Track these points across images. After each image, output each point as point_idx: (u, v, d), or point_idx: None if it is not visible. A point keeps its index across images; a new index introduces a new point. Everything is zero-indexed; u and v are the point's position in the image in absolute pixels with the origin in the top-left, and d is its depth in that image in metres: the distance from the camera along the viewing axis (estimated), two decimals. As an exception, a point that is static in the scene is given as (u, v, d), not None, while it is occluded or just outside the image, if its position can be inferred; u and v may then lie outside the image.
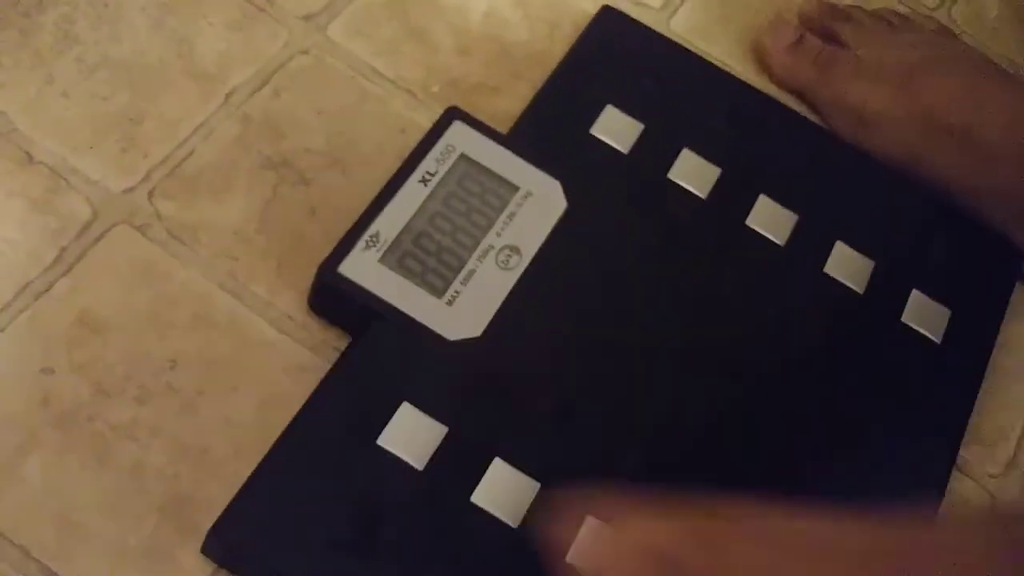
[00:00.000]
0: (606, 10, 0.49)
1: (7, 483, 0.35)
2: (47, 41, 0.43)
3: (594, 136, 0.45)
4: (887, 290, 0.44)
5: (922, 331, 0.44)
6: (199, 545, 0.35)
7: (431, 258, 0.40)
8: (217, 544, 0.34)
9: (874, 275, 0.44)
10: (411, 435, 0.36)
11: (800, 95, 0.50)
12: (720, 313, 0.42)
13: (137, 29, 0.44)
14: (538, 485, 0.37)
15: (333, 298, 0.39)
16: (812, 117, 0.50)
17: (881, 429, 0.41)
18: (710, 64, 0.49)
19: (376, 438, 0.36)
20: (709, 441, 0.40)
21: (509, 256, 0.40)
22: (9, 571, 0.34)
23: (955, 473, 0.42)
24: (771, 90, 0.51)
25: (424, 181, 0.41)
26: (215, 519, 0.34)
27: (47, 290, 0.38)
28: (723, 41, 0.51)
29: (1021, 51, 0.55)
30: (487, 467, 0.36)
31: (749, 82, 0.50)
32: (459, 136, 0.42)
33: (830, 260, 0.44)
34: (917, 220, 0.47)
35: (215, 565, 0.35)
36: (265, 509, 0.35)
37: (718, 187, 0.45)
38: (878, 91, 0.48)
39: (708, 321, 0.42)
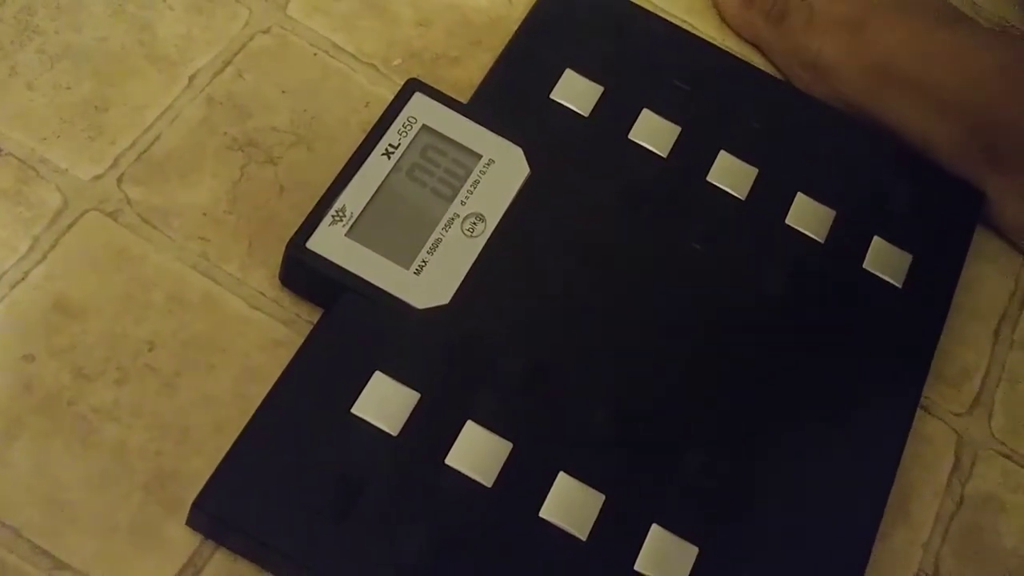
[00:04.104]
0: (562, -27, 0.49)
1: (-6, 468, 0.36)
2: (8, 34, 0.44)
3: (554, 100, 0.45)
4: (848, 238, 0.45)
5: (883, 277, 0.45)
6: (184, 518, 0.36)
7: (397, 229, 0.40)
8: (201, 516, 0.36)
9: (835, 224, 0.45)
10: (385, 402, 0.37)
11: (756, 46, 0.51)
12: (685, 269, 0.43)
13: (97, 17, 0.45)
14: (510, 445, 0.38)
15: (303, 273, 0.40)
16: (771, 70, 0.51)
17: (846, 373, 0.42)
18: (667, 22, 0.50)
19: (351, 407, 0.37)
20: (679, 395, 0.41)
21: (474, 224, 0.41)
22: (1, 551, 0.35)
23: (920, 413, 0.43)
24: (730, 45, 0.51)
25: (387, 154, 0.42)
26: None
27: (23, 279, 0.39)
28: (681, -1, 0.52)
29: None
30: (460, 429, 0.38)
31: (709, 38, 0.50)
32: (420, 108, 0.43)
33: (791, 211, 0.45)
34: (877, 167, 0.48)
35: (201, 537, 0.36)
36: (245, 480, 0.36)
37: (678, 146, 0.45)
38: (831, 41, 0.48)
39: (673, 278, 0.43)
